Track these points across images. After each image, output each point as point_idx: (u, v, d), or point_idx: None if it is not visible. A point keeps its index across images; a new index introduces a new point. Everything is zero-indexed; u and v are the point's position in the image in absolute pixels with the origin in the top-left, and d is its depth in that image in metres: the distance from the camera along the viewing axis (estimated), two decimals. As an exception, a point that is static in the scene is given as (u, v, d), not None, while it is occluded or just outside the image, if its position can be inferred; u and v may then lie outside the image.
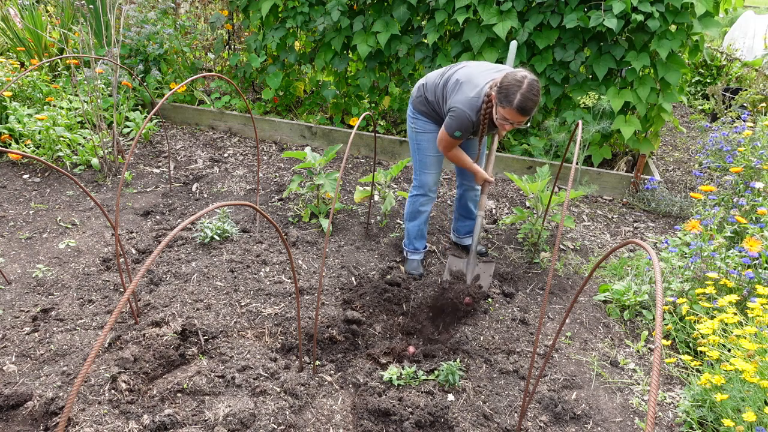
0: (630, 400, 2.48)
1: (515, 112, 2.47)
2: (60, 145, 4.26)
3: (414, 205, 3.20)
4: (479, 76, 2.71)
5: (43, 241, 3.42)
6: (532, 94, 2.44)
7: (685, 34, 4.02)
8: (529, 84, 2.43)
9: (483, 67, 2.80)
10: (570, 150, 4.44)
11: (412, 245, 3.33)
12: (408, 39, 4.68)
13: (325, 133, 5.05)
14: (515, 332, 2.86)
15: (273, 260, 3.31)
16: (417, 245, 3.32)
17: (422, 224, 3.26)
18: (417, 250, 3.34)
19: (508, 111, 2.49)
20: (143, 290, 2.99)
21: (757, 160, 3.53)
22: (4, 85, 4.51)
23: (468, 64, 2.89)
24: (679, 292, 2.83)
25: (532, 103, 2.45)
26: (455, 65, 2.92)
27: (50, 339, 2.57)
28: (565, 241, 3.81)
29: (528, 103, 2.44)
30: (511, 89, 2.44)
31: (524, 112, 2.47)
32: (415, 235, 3.29)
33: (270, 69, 5.21)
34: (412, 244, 3.32)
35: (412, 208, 3.22)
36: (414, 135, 3.07)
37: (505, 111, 2.50)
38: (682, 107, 7.23)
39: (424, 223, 3.27)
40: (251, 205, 1.73)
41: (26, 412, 2.17)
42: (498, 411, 2.36)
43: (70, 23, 5.90)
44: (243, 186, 4.30)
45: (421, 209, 3.20)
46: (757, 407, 2.07)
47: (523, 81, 2.43)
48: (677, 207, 4.20)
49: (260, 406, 2.24)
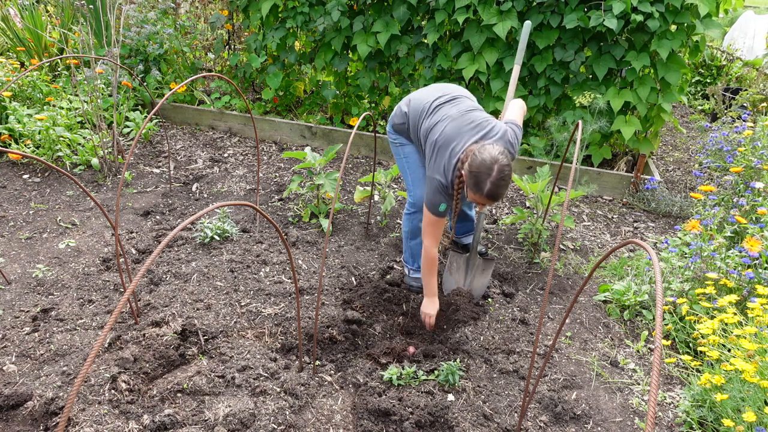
0: (630, 400, 2.48)
1: (485, 199, 2.39)
2: (60, 145, 4.26)
3: (413, 223, 3.01)
4: (456, 138, 2.52)
5: (43, 241, 3.42)
6: (503, 181, 2.34)
7: (685, 34, 4.02)
8: (499, 170, 2.31)
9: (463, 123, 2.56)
10: (570, 150, 4.44)
11: (415, 263, 3.13)
12: (408, 39, 4.68)
13: (325, 133, 5.05)
14: (515, 332, 2.86)
15: (273, 260, 3.31)
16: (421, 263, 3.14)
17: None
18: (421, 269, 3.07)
19: (478, 197, 2.40)
20: (143, 290, 2.99)
21: (758, 160, 3.53)
22: (4, 85, 4.51)
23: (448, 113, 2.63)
24: (679, 292, 2.83)
25: (502, 189, 2.36)
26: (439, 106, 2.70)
27: (50, 339, 2.57)
28: (565, 241, 3.81)
29: (498, 190, 2.36)
30: (480, 177, 2.34)
31: (494, 198, 2.38)
32: (418, 253, 3.07)
33: (270, 69, 5.21)
34: (415, 262, 3.13)
35: (412, 226, 3.02)
36: (397, 149, 2.93)
37: (476, 196, 2.41)
38: (682, 107, 7.23)
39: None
40: (251, 205, 1.73)
41: (26, 412, 2.17)
42: (498, 411, 2.36)
43: (70, 23, 5.90)
44: (243, 186, 4.30)
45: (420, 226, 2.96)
46: (757, 407, 2.07)
47: (493, 167, 2.31)
48: (677, 207, 4.20)
49: (260, 406, 2.24)
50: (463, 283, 3.11)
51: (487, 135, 2.51)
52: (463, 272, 3.13)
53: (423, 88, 2.92)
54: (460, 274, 3.13)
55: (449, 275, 3.14)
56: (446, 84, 2.91)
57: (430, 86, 2.91)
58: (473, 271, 3.12)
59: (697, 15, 3.97)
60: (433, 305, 2.76)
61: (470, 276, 3.12)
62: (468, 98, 2.77)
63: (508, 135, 2.57)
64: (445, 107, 2.68)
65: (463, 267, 3.13)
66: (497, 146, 2.39)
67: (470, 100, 2.76)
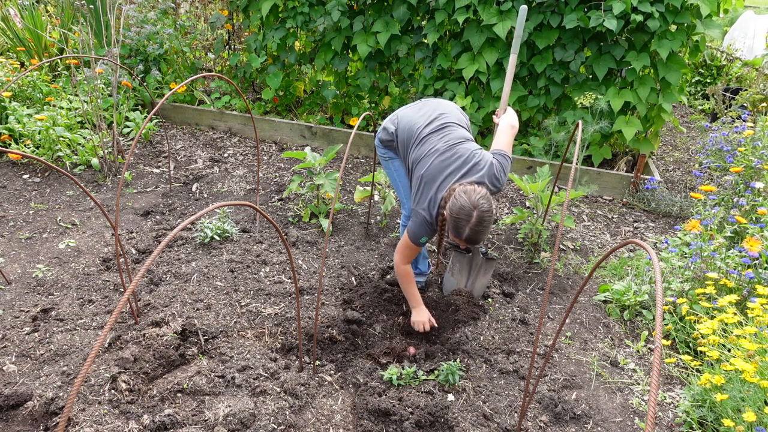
0: (630, 400, 2.48)
1: (464, 242, 2.40)
2: (60, 145, 4.26)
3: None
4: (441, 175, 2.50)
5: (43, 241, 3.42)
6: (482, 227, 2.33)
7: (685, 34, 4.02)
8: (479, 218, 2.30)
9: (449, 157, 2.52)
10: (570, 150, 4.44)
11: (416, 269, 3.14)
12: (408, 39, 4.69)
13: (325, 133, 5.05)
14: (515, 332, 2.86)
15: (273, 260, 3.31)
16: (421, 267, 3.15)
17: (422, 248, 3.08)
18: (422, 273, 3.17)
19: (458, 240, 2.41)
20: (143, 290, 2.99)
21: (758, 160, 3.53)
22: (4, 85, 4.51)
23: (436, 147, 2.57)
24: (679, 292, 2.83)
25: (482, 234, 2.36)
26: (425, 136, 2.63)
27: (50, 339, 2.57)
28: (565, 241, 3.81)
29: (477, 236, 2.35)
30: (460, 222, 2.33)
31: (473, 242, 2.39)
32: (416, 258, 3.12)
33: (270, 69, 5.21)
34: (416, 267, 3.14)
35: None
36: (387, 163, 2.90)
37: (455, 239, 2.42)
38: (682, 107, 7.23)
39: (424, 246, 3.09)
40: (251, 205, 1.73)
41: (26, 412, 2.17)
42: (498, 411, 2.36)
43: (70, 23, 5.90)
44: (243, 186, 4.30)
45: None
46: (757, 407, 2.07)
47: (472, 214, 2.29)
48: (677, 207, 4.20)
49: (260, 406, 2.24)
50: (465, 283, 3.11)
51: (473, 170, 2.48)
52: (466, 273, 3.13)
53: (410, 105, 2.84)
54: (462, 275, 3.13)
55: (451, 276, 3.14)
56: (435, 102, 2.82)
57: (418, 103, 2.84)
58: (475, 270, 3.12)
59: (697, 15, 3.98)
60: (421, 314, 2.77)
61: (472, 276, 3.12)
62: (457, 124, 2.69)
63: (494, 169, 2.52)
64: (432, 138, 2.62)
65: (466, 268, 3.13)
66: (479, 189, 2.35)
67: (459, 127, 2.68)
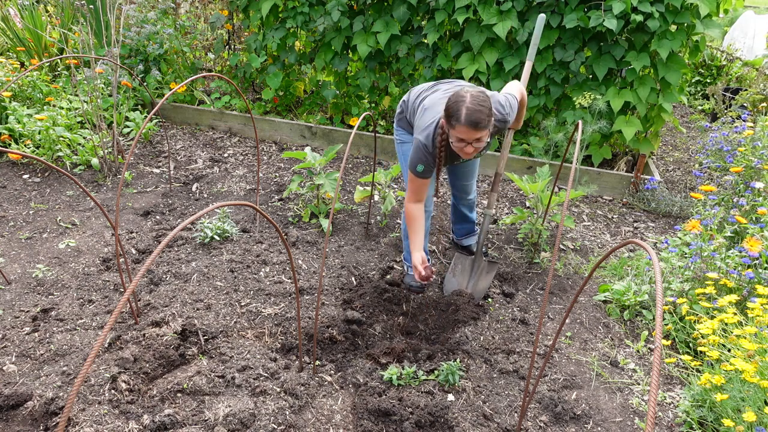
0: (630, 400, 2.48)
1: (466, 128, 2.33)
2: (60, 145, 4.26)
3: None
4: (439, 102, 2.57)
5: (43, 241, 3.42)
6: (478, 104, 2.31)
7: (685, 34, 4.02)
8: (473, 96, 2.31)
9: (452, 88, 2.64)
10: (570, 150, 4.44)
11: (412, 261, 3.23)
12: (408, 39, 4.68)
13: (325, 133, 5.05)
14: (515, 332, 2.86)
15: (273, 260, 3.31)
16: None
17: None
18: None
19: (458, 130, 2.35)
20: (143, 290, 2.99)
21: (758, 160, 3.53)
22: (4, 85, 4.51)
23: (439, 86, 2.76)
24: (679, 292, 2.83)
25: (480, 114, 2.32)
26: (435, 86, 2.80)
27: (50, 339, 2.57)
28: (565, 241, 3.81)
29: (475, 114, 2.30)
30: (455, 107, 2.33)
31: (475, 125, 2.31)
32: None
33: (270, 69, 5.21)
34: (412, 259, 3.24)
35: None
36: (399, 147, 2.98)
37: (457, 131, 2.36)
38: (682, 107, 7.23)
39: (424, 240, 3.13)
40: (251, 205, 1.73)
41: (26, 412, 2.17)
42: (498, 411, 2.36)
43: (70, 23, 5.90)
44: (243, 186, 4.30)
45: None
46: (757, 407, 2.07)
47: (466, 95, 2.32)
48: (677, 207, 4.20)
49: (260, 406, 2.24)
50: (466, 285, 3.11)
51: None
52: (467, 274, 3.13)
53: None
54: (464, 276, 3.13)
55: (452, 277, 3.14)
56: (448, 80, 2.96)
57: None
58: (477, 272, 3.12)
59: (697, 15, 3.97)
60: (418, 256, 2.71)
61: (474, 278, 3.11)
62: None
63: (499, 97, 2.56)
64: (442, 84, 2.76)
65: (468, 269, 3.12)
66: (474, 88, 2.41)
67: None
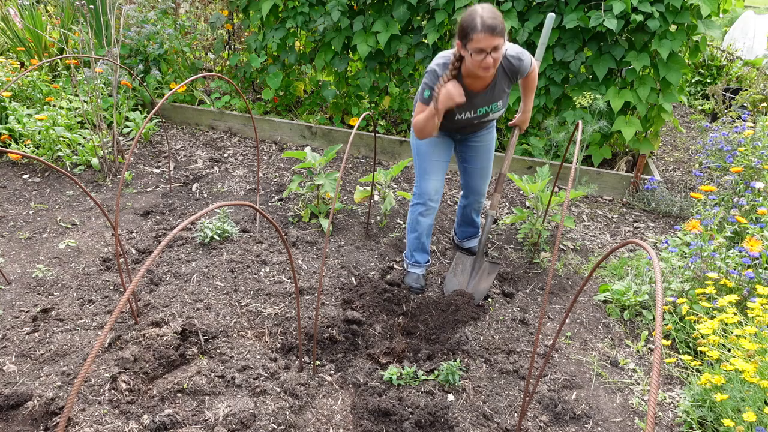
0: (630, 400, 2.48)
1: (483, 34, 2.33)
2: (60, 145, 4.26)
3: (413, 215, 3.05)
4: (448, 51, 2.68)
5: (43, 241, 3.42)
6: (493, 13, 2.36)
7: (685, 34, 4.02)
8: (482, 6, 2.38)
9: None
10: (570, 150, 4.44)
11: (412, 257, 3.15)
12: (408, 39, 4.68)
13: (325, 133, 5.05)
14: (515, 332, 2.86)
15: (273, 260, 3.31)
16: (417, 258, 3.14)
17: (423, 236, 3.08)
18: (417, 264, 3.14)
19: (476, 39, 2.34)
20: (143, 290, 2.99)
21: (758, 160, 3.53)
22: (4, 85, 4.51)
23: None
24: (679, 292, 2.83)
25: (495, 20, 2.34)
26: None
27: (50, 339, 2.57)
28: (565, 241, 3.81)
29: (491, 20, 2.33)
30: (469, 19, 2.36)
31: (492, 30, 2.33)
32: (415, 248, 3.12)
33: (270, 69, 5.21)
34: (412, 256, 3.15)
35: (412, 217, 3.06)
36: (414, 138, 2.98)
37: (474, 42, 2.35)
38: (682, 107, 7.23)
39: (425, 236, 3.08)
40: (251, 205, 1.73)
41: (26, 412, 2.17)
42: (498, 411, 2.36)
43: (70, 23, 5.90)
44: (243, 186, 4.30)
45: (420, 219, 3.03)
46: (757, 407, 2.07)
47: (478, 9, 2.37)
48: (677, 207, 4.20)
49: (260, 406, 2.24)
50: (466, 285, 3.11)
51: None
52: (468, 274, 3.12)
53: None
54: (464, 276, 3.12)
55: (453, 276, 3.14)
56: None
57: None
58: (478, 273, 3.11)
59: (698, 15, 3.97)
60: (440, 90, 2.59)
61: (475, 279, 3.11)
62: None
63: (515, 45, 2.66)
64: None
65: (469, 269, 3.12)
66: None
67: None
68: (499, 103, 2.74)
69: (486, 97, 2.69)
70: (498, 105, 2.74)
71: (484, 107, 2.71)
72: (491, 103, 2.72)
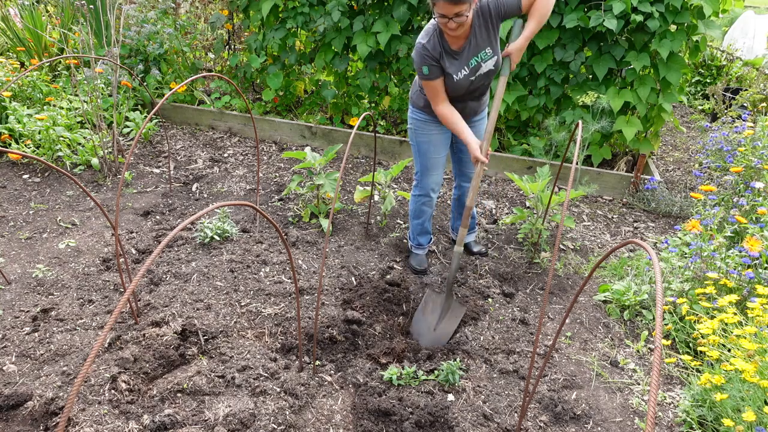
0: (630, 400, 2.48)
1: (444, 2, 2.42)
2: (60, 145, 4.26)
3: (416, 204, 3.25)
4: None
5: (43, 241, 3.42)
6: None
7: (685, 34, 4.02)
8: None
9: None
10: (570, 150, 4.44)
11: (416, 240, 3.39)
12: (408, 39, 4.68)
13: (325, 133, 5.05)
14: (515, 332, 2.86)
15: (273, 260, 3.31)
16: (421, 240, 3.38)
17: (425, 222, 3.31)
18: (421, 246, 3.39)
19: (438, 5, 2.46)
20: (143, 290, 2.99)
21: (758, 159, 3.53)
22: (4, 85, 4.51)
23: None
24: (679, 292, 2.83)
25: None
26: None
27: (50, 339, 2.57)
28: (565, 241, 3.81)
29: None
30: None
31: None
32: (418, 232, 3.35)
33: (270, 69, 5.21)
34: (416, 239, 3.39)
35: (415, 207, 3.26)
36: (413, 136, 3.06)
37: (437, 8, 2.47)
38: (682, 107, 7.23)
39: (427, 221, 3.32)
40: (251, 205, 1.73)
41: (26, 412, 2.17)
42: (498, 411, 2.36)
43: (70, 23, 5.90)
44: (243, 186, 4.30)
45: (423, 209, 3.24)
46: (756, 407, 2.07)
47: None
48: (677, 207, 4.20)
49: (260, 406, 2.24)
50: (435, 326, 2.88)
51: None
52: (438, 314, 2.91)
53: None
54: (434, 316, 2.90)
55: (422, 315, 2.92)
56: None
57: None
58: (446, 313, 2.91)
59: (699, 15, 3.97)
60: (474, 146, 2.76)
61: (443, 320, 2.90)
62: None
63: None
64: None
65: (439, 309, 2.92)
66: None
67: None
68: (487, 49, 2.76)
69: (471, 49, 2.73)
70: (487, 52, 2.76)
71: (473, 58, 2.75)
72: (478, 52, 2.74)
